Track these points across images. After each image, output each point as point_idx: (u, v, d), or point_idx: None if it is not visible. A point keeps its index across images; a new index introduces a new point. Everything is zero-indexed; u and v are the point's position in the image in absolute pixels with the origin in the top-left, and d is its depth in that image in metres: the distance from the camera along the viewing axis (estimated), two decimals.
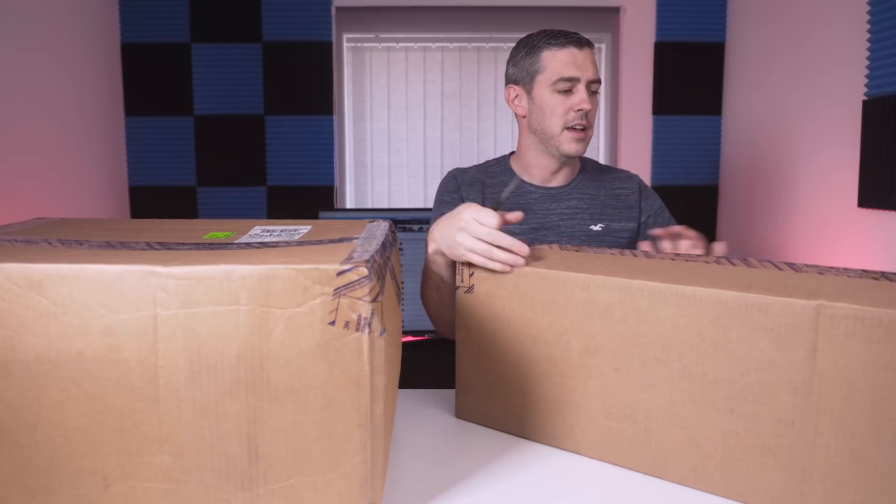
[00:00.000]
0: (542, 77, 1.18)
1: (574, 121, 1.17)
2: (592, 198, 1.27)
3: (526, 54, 1.21)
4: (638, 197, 1.30)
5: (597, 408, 0.78)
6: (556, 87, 1.16)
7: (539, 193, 1.25)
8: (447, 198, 1.26)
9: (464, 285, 0.89)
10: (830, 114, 1.83)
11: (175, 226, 0.78)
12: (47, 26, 1.93)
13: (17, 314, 0.55)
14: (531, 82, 1.20)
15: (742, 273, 0.75)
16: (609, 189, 1.30)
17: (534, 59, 1.19)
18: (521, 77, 1.22)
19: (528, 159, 1.26)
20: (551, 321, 0.80)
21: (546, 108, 1.18)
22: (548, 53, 1.17)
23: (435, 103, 2.58)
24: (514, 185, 0.98)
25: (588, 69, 1.16)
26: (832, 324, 0.61)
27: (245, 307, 0.56)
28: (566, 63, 1.16)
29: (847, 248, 1.76)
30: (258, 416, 0.57)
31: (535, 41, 1.20)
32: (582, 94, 1.16)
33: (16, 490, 0.57)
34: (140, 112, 2.45)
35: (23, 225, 0.77)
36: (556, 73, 1.16)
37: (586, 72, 1.16)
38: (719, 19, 2.46)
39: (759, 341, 0.65)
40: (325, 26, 2.45)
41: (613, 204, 1.28)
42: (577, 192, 1.27)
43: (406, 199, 2.61)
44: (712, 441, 0.69)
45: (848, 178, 1.74)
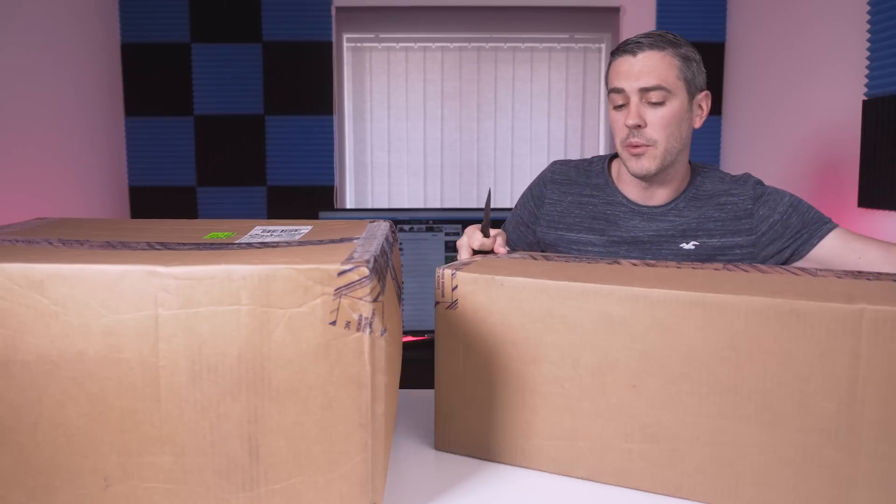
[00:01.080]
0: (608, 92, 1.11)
1: (628, 139, 1.06)
2: (686, 218, 1.12)
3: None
4: (751, 204, 1.10)
5: (613, 430, 0.71)
6: (612, 101, 1.09)
7: (628, 208, 1.14)
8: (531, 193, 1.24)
9: (444, 300, 0.78)
10: (830, 114, 1.83)
11: (175, 226, 0.78)
12: (47, 26, 1.93)
13: (18, 314, 0.55)
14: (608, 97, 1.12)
15: (763, 279, 0.72)
16: (715, 200, 1.12)
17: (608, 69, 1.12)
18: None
19: (621, 171, 1.16)
20: (555, 338, 0.72)
21: (611, 124, 1.12)
22: (611, 65, 1.10)
23: (435, 103, 2.58)
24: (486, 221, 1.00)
25: (633, 77, 1.04)
26: (875, 328, 0.59)
27: (246, 307, 0.56)
28: (615, 73, 1.07)
29: None
30: (259, 416, 0.57)
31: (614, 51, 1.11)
32: (630, 108, 1.05)
33: (16, 490, 0.57)
34: (140, 112, 2.45)
35: (23, 225, 0.77)
36: (610, 85, 1.08)
37: (634, 80, 1.04)
38: (719, 19, 2.46)
39: (798, 349, 0.62)
40: (325, 26, 2.45)
41: (716, 217, 1.10)
42: (673, 214, 1.12)
43: (406, 199, 2.61)
44: (747, 457, 0.66)
45: (848, 178, 1.74)
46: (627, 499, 0.70)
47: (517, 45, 2.56)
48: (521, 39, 2.55)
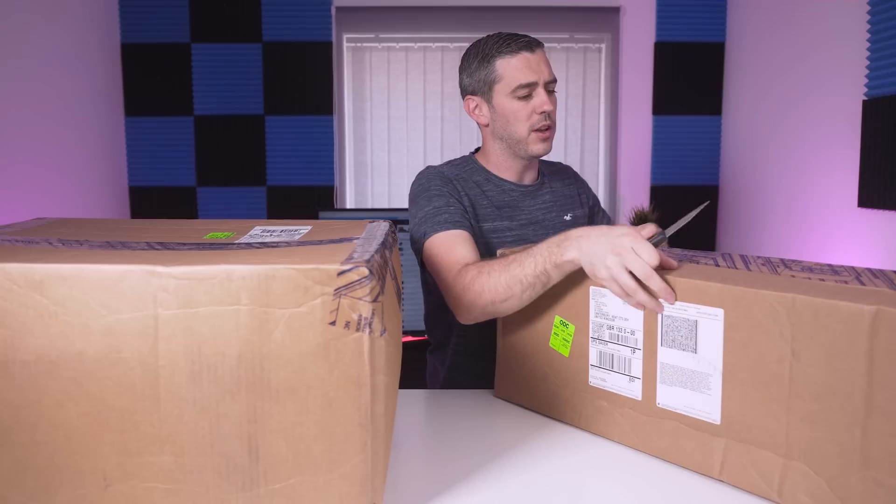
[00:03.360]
0: (500, 86, 1.18)
1: (539, 123, 1.18)
2: (555, 191, 1.32)
3: (479, 64, 1.20)
4: (578, 186, 1.37)
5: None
6: (516, 93, 1.17)
7: (519, 192, 1.27)
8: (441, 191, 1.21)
9: None
10: (830, 114, 1.83)
11: (175, 226, 0.78)
12: (47, 27, 1.93)
13: (18, 314, 0.55)
14: (490, 92, 1.20)
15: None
16: (561, 181, 1.35)
17: (488, 69, 1.19)
18: (479, 87, 1.21)
19: (498, 162, 1.26)
20: None
21: (509, 114, 1.19)
22: (501, 62, 1.17)
23: (435, 103, 2.58)
24: (677, 227, 0.89)
25: (543, 71, 1.17)
26: None
27: (246, 307, 0.56)
28: (522, 69, 1.16)
29: (847, 248, 1.76)
30: (259, 416, 0.57)
31: (487, 50, 1.19)
32: (542, 97, 1.16)
33: (16, 490, 0.57)
34: (140, 112, 2.45)
35: (23, 225, 0.77)
36: (514, 80, 1.16)
37: (542, 74, 1.17)
38: (719, 19, 2.46)
39: None
40: (325, 26, 2.45)
41: (569, 194, 1.34)
42: (546, 188, 1.31)
43: (406, 200, 2.61)
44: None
45: (848, 178, 1.74)
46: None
47: None
48: None
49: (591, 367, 0.85)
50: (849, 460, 0.61)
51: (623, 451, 0.82)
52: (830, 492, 0.63)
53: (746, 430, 0.70)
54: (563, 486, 0.73)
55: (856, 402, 0.61)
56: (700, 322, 0.72)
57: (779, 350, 0.66)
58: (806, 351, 0.64)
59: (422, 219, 1.16)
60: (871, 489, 0.60)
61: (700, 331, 0.72)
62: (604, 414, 0.84)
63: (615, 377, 0.82)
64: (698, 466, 0.74)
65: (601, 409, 0.85)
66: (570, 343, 0.87)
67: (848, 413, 0.61)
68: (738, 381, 0.70)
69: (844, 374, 0.61)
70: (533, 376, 0.93)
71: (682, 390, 0.75)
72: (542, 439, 0.85)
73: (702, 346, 0.72)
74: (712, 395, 0.72)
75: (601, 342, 0.83)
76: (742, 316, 0.69)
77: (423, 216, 1.16)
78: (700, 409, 0.73)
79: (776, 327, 0.66)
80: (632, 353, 0.80)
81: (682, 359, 0.75)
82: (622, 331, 0.81)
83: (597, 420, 0.85)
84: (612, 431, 0.84)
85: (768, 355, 0.67)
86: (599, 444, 0.84)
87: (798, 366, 0.65)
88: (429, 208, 1.17)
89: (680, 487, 0.72)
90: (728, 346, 0.70)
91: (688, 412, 0.75)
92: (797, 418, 0.65)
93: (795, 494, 0.66)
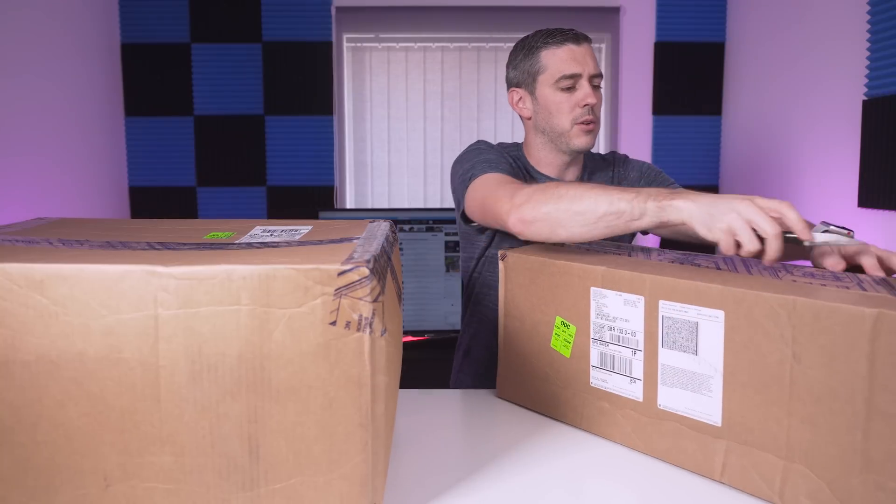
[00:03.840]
0: (544, 77, 1.19)
1: (582, 116, 1.17)
2: None
3: (525, 56, 1.22)
4: (616, 173, 1.32)
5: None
6: (560, 84, 1.17)
7: None
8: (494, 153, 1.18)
9: None
10: (830, 114, 1.83)
11: (175, 226, 0.78)
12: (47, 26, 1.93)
13: (18, 314, 0.55)
14: (533, 83, 1.21)
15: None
16: (601, 173, 1.31)
17: (533, 59, 1.20)
18: (523, 79, 1.23)
19: (539, 157, 1.26)
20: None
21: (552, 106, 1.19)
22: (547, 53, 1.18)
23: (435, 103, 2.58)
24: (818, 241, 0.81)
25: (589, 64, 1.17)
26: None
27: (246, 307, 0.56)
28: (566, 60, 1.16)
29: None
30: (259, 416, 0.57)
31: (533, 42, 1.21)
32: (586, 89, 1.16)
33: (16, 490, 0.57)
34: (140, 112, 2.45)
35: (23, 225, 0.76)
36: (558, 71, 1.17)
37: (587, 66, 1.17)
38: (719, 19, 2.46)
39: None
40: (325, 26, 2.45)
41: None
42: None
43: (406, 199, 2.61)
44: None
45: (848, 178, 1.74)
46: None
47: None
48: None
49: (592, 368, 0.85)
50: (850, 463, 0.61)
51: (624, 452, 0.81)
52: (831, 494, 0.63)
53: (747, 433, 0.70)
54: (564, 486, 0.73)
55: (857, 404, 0.61)
56: (701, 324, 0.72)
57: (779, 352, 0.66)
58: (807, 353, 0.64)
59: (469, 167, 1.13)
60: (872, 492, 0.60)
61: (701, 332, 0.72)
62: (605, 415, 0.84)
63: (616, 378, 0.82)
64: (699, 468, 0.74)
65: (602, 411, 0.85)
66: (571, 344, 0.87)
67: (849, 416, 0.61)
68: (739, 384, 0.70)
69: (845, 377, 0.61)
70: (534, 377, 0.93)
71: (682, 392, 0.75)
72: (543, 440, 0.85)
73: (702, 347, 0.72)
74: (713, 396, 0.72)
75: (602, 343, 0.83)
76: (743, 318, 0.69)
77: (471, 165, 1.13)
78: (701, 411, 0.73)
79: (777, 329, 0.66)
80: (633, 354, 0.80)
81: (682, 360, 0.75)
82: (623, 332, 0.81)
83: (598, 421, 0.85)
84: (614, 433, 0.84)
85: (769, 357, 0.67)
86: (600, 445, 0.84)
87: (799, 368, 0.64)
88: (477, 159, 1.14)
89: (681, 489, 0.72)
90: (729, 348, 0.70)
91: (689, 414, 0.75)
92: (798, 421, 0.65)
93: (796, 497, 0.66)
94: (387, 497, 0.70)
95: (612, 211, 0.86)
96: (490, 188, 1.05)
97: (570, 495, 0.72)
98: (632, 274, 0.79)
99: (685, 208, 0.80)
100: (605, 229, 0.87)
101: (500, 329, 0.99)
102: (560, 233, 0.91)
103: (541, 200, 0.92)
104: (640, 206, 0.84)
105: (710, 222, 0.78)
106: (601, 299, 0.83)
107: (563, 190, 0.91)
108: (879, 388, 0.59)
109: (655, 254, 0.91)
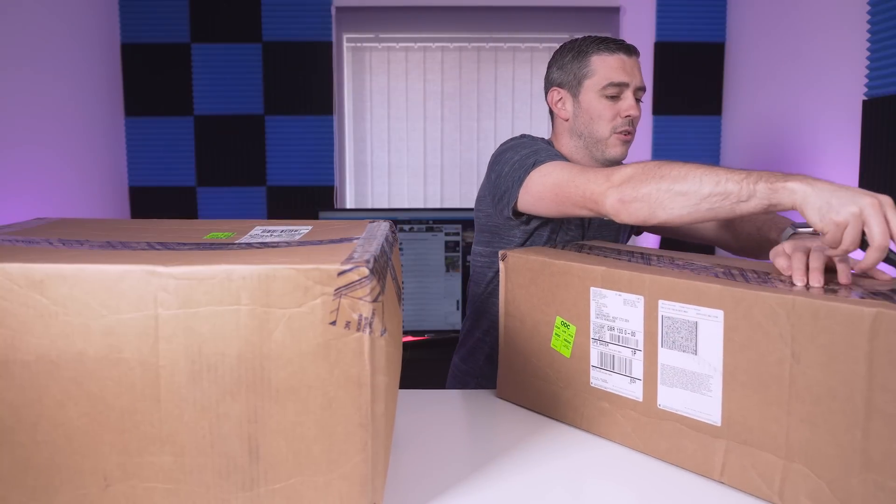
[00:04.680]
0: (591, 82, 1.18)
1: (622, 126, 1.18)
2: None
3: (574, 58, 1.21)
4: None
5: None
6: (605, 91, 1.17)
7: None
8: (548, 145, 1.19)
9: None
10: (830, 114, 1.83)
11: (175, 226, 0.78)
12: (47, 26, 1.93)
13: (18, 314, 0.55)
14: (578, 87, 1.20)
15: None
16: None
17: (582, 63, 1.19)
18: (568, 81, 1.22)
19: (569, 160, 1.22)
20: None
21: (594, 112, 1.18)
22: (597, 59, 1.18)
23: (435, 103, 2.58)
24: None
25: (636, 76, 1.18)
26: None
27: (246, 307, 0.56)
28: (616, 68, 1.17)
29: None
30: (259, 416, 0.57)
31: (584, 46, 1.20)
32: (630, 101, 1.17)
33: (16, 490, 0.57)
34: (140, 112, 2.45)
35: (23, 225, 0.77)
36: (606, 78, 1.17)
37: (634, 78, 1.17)
38: (719, 19, 2.46)
39: None
40: (325, 26, 2.45)
41: None
42: None
43: (406, 199, 2.61)
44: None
45: (848, 178, 1.74)
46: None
47: (517, 45, 2.56)
48: (521, 39, 2.55)
49: (592, 368, 0.85)
50: (849, 463, 0.61)
51: (624, 451, 0.82)
52: (831, 494, 0.63)
53: (747, 432, 0.70)
54: (564, 486, 0.73)
55: (856, 404, 0.61)
56: (700, 323, 0.72)
57: (779, 352, 0.66)
58: (806, 353, 0.64)
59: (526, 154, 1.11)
60: (872, 492, 0.60)
61: (700, 332, 0.72)
62: (605, 415, 0.84)
63: (616, 378, 0.82)
64: (699, 468, 0.74)
65: (602, 411, 0.85)
66: (571, 344, 0.87)
67: (848, 415, 0.61)
68: (738, 383, 0.70)
69: (844, 377, 0.61)
70: (534, 377, 0.93)
71: (682, 392, 0.75)
72: (543, 440, 0.85)
73: (702, 347, 0.73)
74: (713, 396, 0.72)
75: (602, 343, 0.83)
76: (742, 317, 0.69)
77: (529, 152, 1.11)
78: (700, 411, 0.74)
79: (776, 329, 0.66)
80: (632, 354, 0.80)
81: (682, 360, 0.75)
82: (623, 332, 0.81)
83: (598, 421, 0.85)
84: (614, 433, 0.84)
85: (768, 357, 0.67)
86: (600, 445, 0.84)
87: (798, 367, 0.65)
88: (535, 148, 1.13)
89: (681, 489, 0.72)
90: (728, 348, 0.70)
91: (688, 414, 0.75)
92: (797, 420, 0.65)
93: (796, 496, 0.66)
94: (387, 497, 0.70)
95: (718, 192, 0.82)
96: (571, 173, 1.02)
97: (570, 495, 0.72)
98: (631, 274, 0.79)
99: (800, 191, 0.76)
100: (707, 212, 0.84)
101: (501, 329, 0.99)
102: (660, 214, 0.88)
103: (642, 180, 0.89)
104: (750, 188, 0.80)
105: (826, 210, 0.74)
106: (601, 299, 0.83)
107: (667, 169, 0.87)
108: (878, 388, 0.59)
109: (655, 255, 0.91)
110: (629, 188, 0.90)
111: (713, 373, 0.72)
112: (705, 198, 0.83)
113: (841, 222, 0.72)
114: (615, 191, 0.92)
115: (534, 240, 1.21)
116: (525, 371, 0.95)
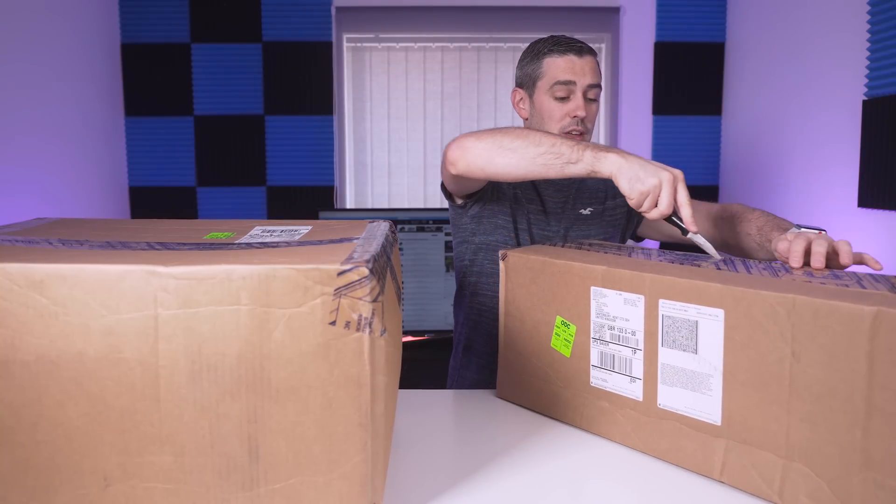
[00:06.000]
0: (542, 83, 1.22)
1: (569, 126, 1.20)
2: (581, 184, 1.34)
3: (531, 59, 1.25)
4: (606, 181, 1.38)
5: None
6: (553, 92, 1.20)
7: (545, 182, 1.30)
8: None
9: None
10: (830, 114, 1.83)
11: (175, 226, 0.78)
12: (47, 26, 1.93)
13: (18, 314, 0.55)
14: (533, 87, 1.24)
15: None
16: (602, 184, 1.35)
17: (537, 64, 1.23)
18: (525, 82, 1.26)
19: None
20: None
21: (544, 112, 1.22)
22: (549, 60, 1.21)
23: (435, 103, 2.58)
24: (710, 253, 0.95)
25: (585, 74, 1.19)
26: None
27: (246, 307, 0.56)
28: (564, 69, 1.20)
29: None
30: (259, 416, 0.57)
31: (540, 47, 1.24)
32: (578, 101, 1.19)
33: (16, 490, 0.57)
34: (140, 112, 2.45)
35: (23, 225, 0.77)
36: (553, 77, 1.20)
37: (583, 77, 1.19)
38: (719, 19, 2.46)
39: None
40: (325, 26, 2.45)
41: (594, 188, 1.33)
42: (574, 182, 1.33)
43: (406, 199, 2.61)
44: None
45: (848, 178, 1.74)
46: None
47: (517, 45, 2.56)
48: (521, 39, 2.55)
49: (592, 367, 0.85)
50: (849, 462, 0.61)
51: (624, 451, 0.82)
52: (831, 493, 0.63)
53: (747, 431, 0.70)
54: (564, 486, 0.73)
55: (856, 403, 0.61)
56: (700, 322, 0.72)
57: (779, 351, 0.66)
58: (806, 352, 0.64)
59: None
60: (872, 491, 0.60)
61: (700, 331, 0.72)
62: (605, 415, 0.84)
63: (616, 378, 0.82)
64: (699, 467, 0.74)
65: (602, 410, 0.85)
66: (571, 343, 0.87)
67: (848, 414, 0.61)
68: (739, 382, 0.70)
69: (845, 375, 0.61)
70: (534, 377, 0.93)
71: (682, 391, 0.75)
72: (543, 439, 0.85)
73: (702, 346, 0.72)
74: (713, 395, 0.72)
75: (602, 343, 0.83)
76: (742, 316, 0.69)
77: None
78: (701, 410, 0.73)
79: (776, 328, 0.66)
80: (632, 353, 0.80)
81: (682, 359, 0.75)
82: (623, 331, 0.81)
83: (598, 421, 0.85)
84: (614, 432, 0.84)
85: (768, 356, 0.67)
86: (600, 445, 0.84)
87: (798, 366, 0.65)
88: None
89: (681, 488, 0.72)
90: (728, 347, 0.70)
91: (689, 413, 0.75)
92: (797, 419, 0.65)
93: (796, 496, 0.66)
94: (387, 497, 0.70)
95: (554, 151, 0.95)
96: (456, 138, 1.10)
97: (570, 495, 0.72)
98: (632, 273, 0.79)
99: (616, 162, 0.91)
100: (541, 167, 0.96)
101: (501, 329, 0.99)
102: (497, 161, 0.99)
103: (485, 133, 1.02)
104: (579, 153, 0.94)
105: (635, 181, 0.89)
106: (601, 299, 0.83)
107: (511, 129, 1.01)
108: (879, 386, 0.59)
109: (655, 254, 0.91)
110: (473, 138, 1.02)
111: (713, 372, 0.72)
112: (542, 154, 0.96)
113: (644, 191, 0.89)
114: (459, 140, 1.04)
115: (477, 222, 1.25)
116: (525, 371, 0.95)
